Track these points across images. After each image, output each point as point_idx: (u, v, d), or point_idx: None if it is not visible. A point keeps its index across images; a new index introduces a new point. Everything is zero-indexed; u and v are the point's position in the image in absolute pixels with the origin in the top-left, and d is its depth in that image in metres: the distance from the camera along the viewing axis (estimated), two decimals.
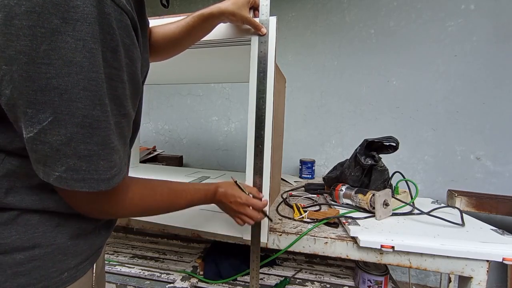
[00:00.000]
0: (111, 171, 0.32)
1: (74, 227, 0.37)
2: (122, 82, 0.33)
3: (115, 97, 0.32)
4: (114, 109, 0.32)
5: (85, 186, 0.30)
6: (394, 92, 1.47)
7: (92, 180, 0.31)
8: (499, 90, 1.32)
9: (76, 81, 0.27)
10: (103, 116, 0.30)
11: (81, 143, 0.29)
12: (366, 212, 0.81)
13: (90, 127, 0.29)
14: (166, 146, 1.91)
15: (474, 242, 0.63)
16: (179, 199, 0.51)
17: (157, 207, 0.47)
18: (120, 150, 0.34)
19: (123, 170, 0.35)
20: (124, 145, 0.36)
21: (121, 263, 0.89)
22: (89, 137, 0.29)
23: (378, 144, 0.88)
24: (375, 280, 0.76)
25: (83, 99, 0.28)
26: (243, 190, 0.60)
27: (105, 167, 0.31)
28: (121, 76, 0.32)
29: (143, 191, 0.44)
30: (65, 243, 0.36)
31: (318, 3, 1.55)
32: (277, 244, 0.72)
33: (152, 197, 0.45)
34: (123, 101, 0.34)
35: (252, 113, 0.67)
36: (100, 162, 0.31)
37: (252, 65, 0.65)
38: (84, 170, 0.30)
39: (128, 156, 0.42)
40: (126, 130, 0.36)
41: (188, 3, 1.79)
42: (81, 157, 0.29)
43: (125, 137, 0.37)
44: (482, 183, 1.37)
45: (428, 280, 1.48)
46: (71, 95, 0.27)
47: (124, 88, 0.33)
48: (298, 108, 1.63)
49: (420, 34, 1.40)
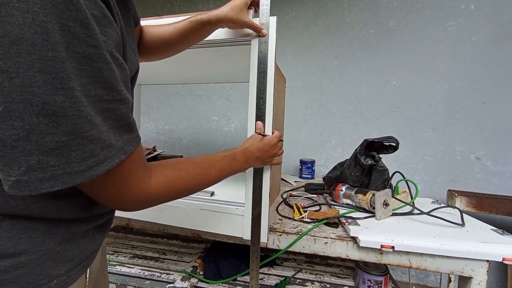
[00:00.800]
0: (86, 162, 0.27)
1: (64, 231, 0.34)
2: (106, 62, 0.27)
3: (102, 80, 0.27)
4: (104, 94, 0.28)
5: (56, 184, 0.26)
6: (394, 92, 1.47)
7: (64, 175, 0.26)
8: (499, 90, 1.32)
9: (30, 62, 0.22)
10: (69, 102, 0.25)
11: (45, 135, 0.24)
12: (366, 212, 0.81)
13: (54, 115, 0.24)
14: (166, 146, 1.91)
15: (474, 242, 0.63)
16: (208, 170, 0.47)
17: (187, 185, 0.43)
18: (105, 139, 0.29)
19: (113, 159, 0.30)
20: (124, 129, 0.32)
21: (121, 263, 0.89)
22: (54, 126, 0.24)
23: (378, 144, 0.88)
24: (375, 280, 0.76)
25: (41, 83, 0.23)
26: (263, 134, 0.62)
27: (78, 158, 0.27)
28: (102, 55, 0.27)
29: (165, 172, 0.40)
30: (54, 249, 0.33)
31: (318, 3, 1.55)
32: (277, 244, 0.72)
33: (177, 175, 0.41)
34: (114, 85, 0.29)
35: (252, 113, 0.67)
36: (72, 154, 0.26)
37: (252, 65, 0.65)
38: (53, 165, 0.25)
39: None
40: (129, 117, 0.32)
41: (188, 3, 1.79)
42: (47, 151, 0.25)
43: (129, 125, 0.33)
44: (482, 183, 1.37)
45: (428, 280, 1.48)
46: (24, 79, 0.22)
47: (112, 69, 0.28)
48: (298, 108, 1.63)
49: (420, 34, 1.40)
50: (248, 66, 0.65)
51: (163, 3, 1.83)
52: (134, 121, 0.34)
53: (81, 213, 0.36)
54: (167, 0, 1.82)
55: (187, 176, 0.43)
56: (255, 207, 0.67)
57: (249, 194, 0.68)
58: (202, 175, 0.46)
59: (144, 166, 0.37)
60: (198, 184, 0.46)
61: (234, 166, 0.53)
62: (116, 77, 0.29)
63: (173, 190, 0.41)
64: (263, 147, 0.60)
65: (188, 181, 0.43)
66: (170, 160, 0.43)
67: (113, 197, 0.35)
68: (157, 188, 0.38)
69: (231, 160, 0.52)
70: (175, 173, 0.42)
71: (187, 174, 0.43)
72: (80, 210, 0.36)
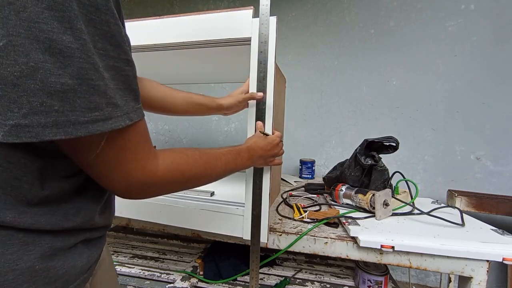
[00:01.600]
0: (90, 114, 0.25)
1: (45, 246, 0.29)
2: (114, 17, 0.26)
3: (109, 35, 0.26)
4: (111, 50, 0.26)
5: (59, 132, 0.23)
6: (394, 92, 1.47)
7: (68, 124, 0.23)
8: (499, 90, 1.32)
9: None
10: (77, 44, 0.23)
11: (51, 75, 0.22)
12: (366, 212, 0.81)
13: (61, 55, 0.22)
14: (166, 146, 1.91)
15: (474, 242, 0.63)
16: (215, 160, 0.45)
17: (193, 172, 0.40)
18: (112, 97, 0.27)
19: (118, 120, 0.27)
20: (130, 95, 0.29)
21: (121, 263, 0.89)
22: (61, 67, 0.23)
23: (378, 144, 0.88)
24: (375, 280, 0.76)
25: (49, 19, 0.21)
26: (266, 133, 0.63)
27: (83, 107, 0.24)
28: (111, 8, 0.26)
29: (172, 154, 0.38)
30: (31, 268, 0.27)
31: (318, 3, 1.55)
32: (277, 244, 0.72)
33: (185, 159, 0.39)
34: (120, 43, 0.27)
35: (252, 113, 0.67)
36: (77, 100, 0.24)
37: (252, 65, 0.65)
38: (56, 110, 0.23)
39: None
40: (134, 83, 0.30)
41: (188, 3, 1.79)
42: (52, 93, 0.22)
43: (134, 91, 0.30)
44: (482, 183, 1.37)
45: (428, 280, 1.48)
46: (31, 14, 0.21)
47: (119, 26, 0.27)
48: (298, 108, 1.63)
49: (420, 34, 1.40)
50: (248, 66, 0.65)
51: (163, 3, 1.83)
52: (139, 92, 0.32)
53: (64, 223, 0.31)
54: (167, 0, 1.82)
55: (194, 162, 0.41)
56: (255, 207, 0.67)
57: (249, 194, 0.68)
58: (209, 164, 0.44)
59: (150, 144, 0.34)
60: (205, 174, 0.44)
61: (239, 162, 0.52)
62: (122, 36, 0.27)
63: (180, 175, 0.38)
64: (265, 146, 0.60)
65: (195, 168, 0.41)
66: (178, 148, 0.41)
67: (119, 175, 0.31)
68: (164, 170, 0.35)
69: (236, 155, 0.51)
70: (183, 157, 0.39)
71: (194, 161, 0.41)
72: (64, 219, 0.31)
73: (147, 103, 0.63)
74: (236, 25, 0.65)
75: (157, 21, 0.70)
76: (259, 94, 0.64)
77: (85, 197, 0.34)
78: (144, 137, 0.33)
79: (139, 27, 0.72)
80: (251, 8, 0.64)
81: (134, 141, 0.31)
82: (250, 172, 0.68)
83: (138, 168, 0.32)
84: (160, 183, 0.35)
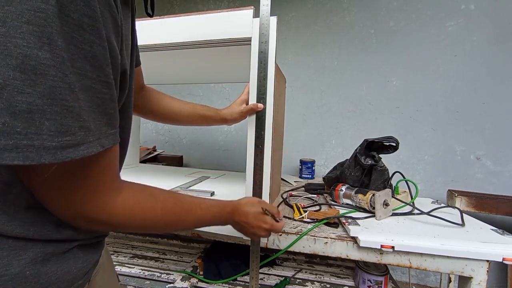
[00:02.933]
0: (60, 138, 0.23)
1: (36, 250, 0.28)
2: (100, 38, 0.25)
3: (90, 56, 0.24)
4: (89, 70, 0.25)
5: (17, 157, 0.21)
6: (394, 92, 1.47)
7: (30, 148, 0.21)
8: (499, 90, 1.32)
9: (20, 12, 0.20)
10: (53, 61, 0.22)
11: (18, 93, 0.20)
12: (366, 212, 0.81)
13: (33, 72, 0.21)
14: (166, 146, 1.90)
15: (474, 242, 0.63)
16: (187, 214, 0.41)
17: (158, 220, 0.37)
18: (85, 120, 0.25)
19: (90, 146, 0.25)
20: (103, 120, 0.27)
21: (121, 263, 0.89)
22: (30, 85, 0.21)
23: (378, 144, 0.88)
24: (375, 280, 0.76)
25: (26, 34, 0.20)
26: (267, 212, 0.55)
27: (52, 130, 0.22)
28: (97, 28, 0.24)
29: (139, 195, 0.35)
30: (21, 273, 0.26)
31: (318, 3, 1.55)
32: (277, 244, 0.72)
33: (151, 204, 0.36)
34: (102, 65, 0.26)
35: (252, 113, 0.67)
36: (45, 123, 0.22)
37: (252, 65, 0.65)
38: (19, 132, 0.21)
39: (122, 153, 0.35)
40: (111, 107, 0.28)
41: (188, 3, 1.79)
42: (16, 113, 0.21)
43: (109, 115, 0.28)
44: (482, 183, 1.37)
45: (428, 280, 1.48)
46: (9, 29, 0.20)
47: (104, 47, 0.25)
48: (298, 108, 1.63)
49: (420, 34, 1.40)
50: (248, 66, 0.65)
51: (163, 3, 1.83)
52: (117, 118, 0.30)
53: (54, 235, 0.30)
54: (167, 0, 1.82)
55: (161, 210, 0.37)
56: None
57: (249, 194, 0.68)
58: (177, 217, 0.40)
59: (114, 175, 0.32)
60: (168, 226, 0.40)
61: (216, 221, 0.48)
62: (106, 57, 0.26)
63: (139, 220, 0.34)
64: (252, 222, 0.52)
65: (159, 217, 0.37)
66: (151, 187, 0.38)
67: (68, 204, 0.28)
68: (121, 210, 0.32)
69: (215, 214, 0.47)
70: (150, 201, 0.36)
71: (162, 209, 0.37)
72: (55, 230, 0.30)
73: (154, 114, 0.67)
74: (236, 25, 0.65)
75: (157, 21, 0.70)
76: (259, 105, 0.65)
77: None
78: (111, 165, 0.30)
79: (139, 27, 0.71)
80: (252, 8, 0.64)
81: (96, 170, 0.29)
82: (250, 172, 0.68)
83: (93, 200, 0.29)
84: (111, 223, 0.32)
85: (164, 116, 0.68)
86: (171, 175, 1.16)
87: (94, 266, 0.36)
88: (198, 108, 0.71)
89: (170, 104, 0.68)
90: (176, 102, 0.69)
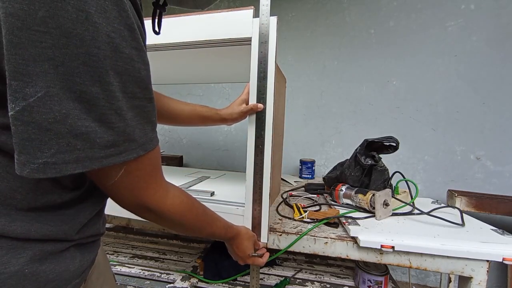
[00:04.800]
0: (106, 150, 0.28)
1: (35, 249, 0.29)
2: (144, 64, 0.31)
3: (139, 80, 0.30)
4: (138, 92, 0.30)
5: (78, 167, 0.27)
6: (394, 92, 1.47)
7: (86, 159, 0.27)
8: (499, 90, 1.32)
9: (76, 55, 0.24)
10: (103, 94, 0.27)
11: (78, 119, 0.25)
12: (366, 212, 0.81)
13: (88, 103, 0.26)
14: (166, 146, 1.90)
15: (474, 242, 0.63)
16: (208, 224, 0.50)
17: (193, 221, 0.45)
18: (129, 134, 0.30)
19: (131, 153, 0.31)
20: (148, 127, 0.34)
21: (121, 263, 0.89)
22: (86, 112, 0.26)
23: (378, 144, 0.88)
24: (375, 280, 0.76)
25: (82, 74, 0.25)
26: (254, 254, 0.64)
27: (101, 145, 0.28)
28: (142, 57, 0.30)
29: (183, 196, 0.43)
30: (20, 271, 0.28)
31: (318, 3, 1.55)
32: (277, 244, 0.72)
33: (190, 206, 0.44)
34: (147, 84, 0.32)
35: (252, 114, 0.67)
36: (96, 140, 0.27)
37: (252, 65, 0.65)
38: (78, 149, 0.26)
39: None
40: (153, 115, 0.35)
41: None
42: (77, 135, 0.26)
43: (152, 123, 0.35)
44: (482, 183, 1.37)
45: (428, 280, 1.48)
46: (67, 69, 0.24)
47: (148, 70, 0.32)
48: (298, 108, 1.63)
49: (420, 34, 1.40)
50: (248, 66, 0.65)
51: None
52: (156, 122, 0.37)
53: (54, 233, 0.31)
54: None
55: (196, 214, 0.45)
56: (255, 207, 0.67)
57: (249, 194, 0.68)
58: (205, 222, 0.49)
59: (160, 174, 0.38)
60: (198, 229, 0.48)
61: (221, 237, 0.58)
62: (149, 77, 0.32)
63: (183, 217, 0.42)
64: (241, 253, 0.63)
65: (193, 221, 0.45)
66: (189, 194, 0.46)
67: (131, 199, 0.36)
68: (171, 206, 0.39)
69: (221, 232, 0.56)
70: (190, 203, 0.44)
71: (196, 213, 0.46)
72: (56, 229, 0.31)
73: (162, 118, 0.69)
74: (237, 25, 0.65)
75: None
76: (259, 106, 0.65)
77: (77, 210, 0.35)
78: (156, 164, 0.37)
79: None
80: (252, 8, 0.64)
81: (147, 170, 0.35)
82: (250, 172, 0.68)
83: (148, 194, 0.36)
84: (164, 217, 0.40)
85: (164, 117, 0.69)
86: (171, 175, 1.16)
87: (91, 265, 0.38)
88: (198, 108, 0.72)
89: (170, 105, 0.69)
90: (175, 103, 0.70)
